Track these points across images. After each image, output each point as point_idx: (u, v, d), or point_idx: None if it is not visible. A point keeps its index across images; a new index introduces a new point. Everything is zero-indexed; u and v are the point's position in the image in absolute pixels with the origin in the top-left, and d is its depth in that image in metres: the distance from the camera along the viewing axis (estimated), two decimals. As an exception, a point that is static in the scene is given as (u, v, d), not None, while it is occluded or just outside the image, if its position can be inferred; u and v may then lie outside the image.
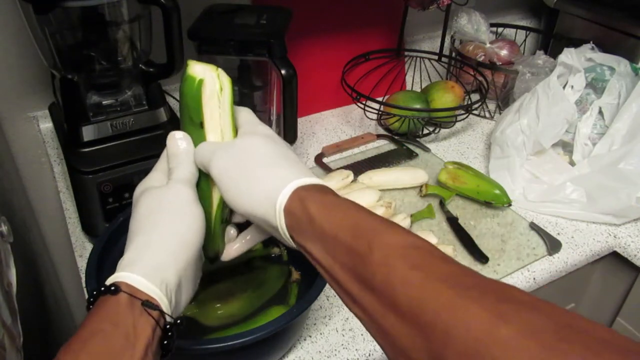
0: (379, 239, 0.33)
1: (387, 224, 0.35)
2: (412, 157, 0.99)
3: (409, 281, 0.30)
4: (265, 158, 0.42)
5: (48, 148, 0.90)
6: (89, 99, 0.72)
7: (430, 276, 0.30)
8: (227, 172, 0.42)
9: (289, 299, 0.64)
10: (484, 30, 1.14)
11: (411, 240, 0.33)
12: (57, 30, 0.67)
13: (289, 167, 0.42)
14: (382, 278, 0.31)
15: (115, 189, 0.71)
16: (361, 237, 0.34)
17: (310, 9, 1.02)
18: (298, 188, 0.39)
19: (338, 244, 0.35)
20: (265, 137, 0.45)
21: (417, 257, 0.31)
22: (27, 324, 0.61)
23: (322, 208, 0.37)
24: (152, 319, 0.36)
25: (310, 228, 0.37)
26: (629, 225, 0.85)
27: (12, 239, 0.60)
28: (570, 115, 0.88)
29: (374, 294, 0.32)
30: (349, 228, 0.35)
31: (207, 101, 0.47)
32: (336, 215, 0.36)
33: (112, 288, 0.36)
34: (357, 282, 0.33)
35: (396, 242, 0.33)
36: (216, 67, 0.49)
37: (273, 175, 0.41)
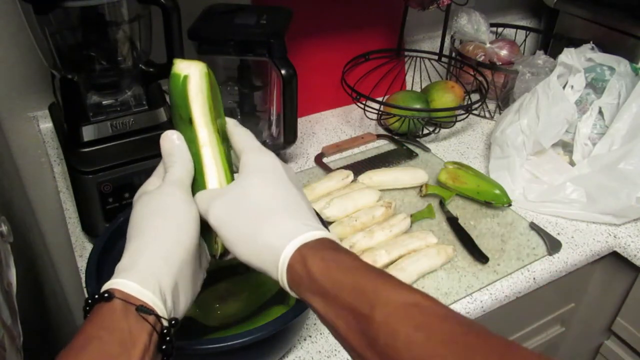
0: (380, 298, 0.33)
1: (388, 281, 0.35)
2: (412, 157, 0.99)
3: (412, 343, 0.30)
4: (269, 207, 0.41)
5: (48, 148, 0.90)
6: (89, 99, 0.72)
7: (433, 337, 0.30)
8: (225, 222, 0.42)
9: (289, 299, 0.64)
10: (484, 30, 1.14)
11: (412, 298, 0.33)
12: (57, 30, 0.67)
13: (291, 217, 0.41)
14: (385, 339, 0.31)
15: (115, 189, 0.71)
16: (362, 297, 0.34)
17: (310, 9, 1.02)
18: (302, 245, 0.38)
19: (340, 302, 0.35)
20: (265, 177, 0.43)
21: (419, 317, 0.31)
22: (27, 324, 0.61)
23: (323, 266, 0.37)
24: (148, 324, 0.36)
25: (312, 285, 0.37)
26: (629, 225, 0.85)
27: (12, 239, 0.60)
28: (570, 115, 0.88)
29: (377, 354, 0.32)
30: (350, 287, 0.35)
31: (193, 97, 0.47)
32: (337, 273, 0.36)
33: (106, 295, 0.36)
34: (360, 340, 0.34)
35: (397, 301, 0.32)
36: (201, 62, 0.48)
37: (274, 230, 0.40)
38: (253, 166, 0.44)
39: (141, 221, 0.42)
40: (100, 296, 0.36)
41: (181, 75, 0.47)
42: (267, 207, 0.41)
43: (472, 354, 0.28)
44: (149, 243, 0.40)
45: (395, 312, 0.32)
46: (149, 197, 0.43)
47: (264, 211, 0.41)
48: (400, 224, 0.78)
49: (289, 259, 0.38)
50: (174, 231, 0.41)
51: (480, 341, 0.29)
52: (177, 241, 0.40)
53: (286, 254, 0.38)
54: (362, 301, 0.33)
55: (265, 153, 0.45)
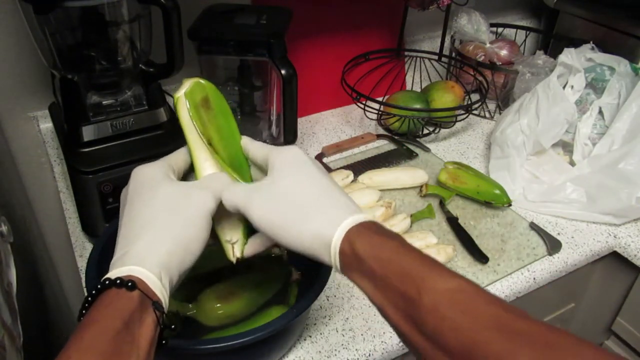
0: (427, 284, 0.34)
1: (434, 266, 0.35)
2: (412, 157, 0.99)
3: (459, 327, 0.31)
4: (309, 196, 0.42)
5: (48, 148, 0.90)
6: (89, 99, 0.72)
7: (479, 321, 0.30)
8: (270, 217, 0.42)
9: (289, 299, 0.64)
10: (484, 30, 1.14)
11: (457, 283, 0.33)
12: (57, 30, 0.67)
13: (335, 205, 0.42)
14: (433, 323, 0.32)
15: (115, 189, 0.71)
16: (410, 281, 0.35)
17: (310, 9, 1.02)
18: (348, 230, 0.39)
19: (388, 285, 0.36)
20: (301, 174, 0.44)
21: (465, 302, 0.32)
22: (27, 324, 0.61)
23: (370, 249, 0.38)
24: (157, 320, 0.37)
25: (361, 268, 0.38)
26: (629, 225, 0.85)
27: (12, 239, 0.60)
28: (570, 115, 0.88)
29: (425, 337, 0.33)
30: (397, 271, 0.36)
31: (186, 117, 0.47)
32: (384, 256, 0.37)
33: (130, 284, 0.36)
34: (408, 324, 0.34)
35: (444, 287, 0.33)
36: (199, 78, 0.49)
37: (322, 217, 0.41)
38: (283, 160, 0.45)
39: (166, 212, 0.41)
40: (123, 282, 0.36)
41: (175, 98, 0.48)
42: (310, 198, 0.42)
43: (518, 338, 0.29)
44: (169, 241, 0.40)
45: (442, 297, 0.32)
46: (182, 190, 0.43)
47: (308, 202, 0.42)
48: (400, 224, 0.78)
49: (340, 244, 0.39)
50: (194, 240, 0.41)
51: (526, 326, 0.30)
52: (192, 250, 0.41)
53: (336, 240, 0.39)
54: (410, 285, 0.34)
55: (290, 148, 0.46)
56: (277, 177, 0.44)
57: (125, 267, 0.37)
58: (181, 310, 0.61)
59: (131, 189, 0.44)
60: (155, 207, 0.42)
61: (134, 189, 0.44)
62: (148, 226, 0.41)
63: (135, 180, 0.45)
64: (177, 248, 0.40)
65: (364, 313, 0.68)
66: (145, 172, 0.45)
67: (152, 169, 0.46)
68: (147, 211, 0.42)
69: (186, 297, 0.62)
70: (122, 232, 0.42)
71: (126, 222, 0.42)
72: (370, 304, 0.68)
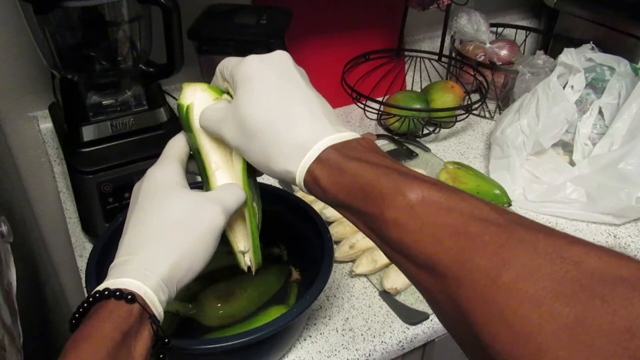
0: (388, 201, 0.34)
1: (393, 180, 0.34)
2: (412, 157, 0.99)
3: (420, 239, 0.32)
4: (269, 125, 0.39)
5: (48, 148, 0.90)
6: (89, 99, 0.72)
7: (439, 231, 0.31)
8: (240, 142, 0.41)
9: (289, 299, 0.64)
10: (484, 30, 1.14)
11: (418, 195, 0.33)
12: (57, 30, 0.67)
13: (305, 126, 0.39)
14: (396, 238, 0.33)
15: (115, 189, 0.71)
16: (372, 202, 0.35)
17: (310, 9, 1.02)
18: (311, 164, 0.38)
19: (354, 209, 0.36)
20: (256, 87, 0.41)
21: (425, 213, 0.32)
22: (27, 325, 0.61)
23: (331, 179, 0.37)
24: (153, 334, 0.37)
25: (329, 200, 0.38)
26: (629, 225, 0.85)
27: (12, 239, 0.60)
28: (570, 115, 0.88)
29: (392, 249, 0.34)
30: (360, 196, 0.36)
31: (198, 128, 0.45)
32: (346, 185, 0.37)
33: (129, 297, 0.36)
34: (379, 238, 0.35)
35: (404, 202, 0.33)
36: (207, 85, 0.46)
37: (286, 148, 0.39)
38: (242, 71, 0.42)
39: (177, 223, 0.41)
40: (122, 295, 0.36)
41: (184, 106, 0.45)
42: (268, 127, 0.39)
43: (475, 241, 0.29)
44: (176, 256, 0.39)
45: (403, 212, 0.33)
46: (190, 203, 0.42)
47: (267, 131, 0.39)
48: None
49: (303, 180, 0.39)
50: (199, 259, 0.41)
51: (484, 227, 0.30)
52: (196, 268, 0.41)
53: (300, 176, 0.39)
54: (373, 206, 0.35)
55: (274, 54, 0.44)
56: (236, 96, 0.42)
57: (125, 278, 0.37)
58: (181, 310, 0.61)
59: (144, 188, 0.43)
60: (164, 219, 0.41)
61: (147, 191, 0.43)
62: (154, 238, 0.40)
63: (149, 181, 0.44)
64: (180, 264, 0.39)
65: (364, 313, 0.68)
66: (159, 175, 0.44)
67: (167, 173, 0.44)
68: (155, 221, 0.41)
69: (186, 297, 0.62)
70: (127, 236, 0.41)
71: (132, 227, 0.41)
72: (370, 304, 0.68)
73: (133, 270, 0.38)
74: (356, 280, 0.73)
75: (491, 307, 0.27)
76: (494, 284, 0.27)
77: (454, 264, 0.29)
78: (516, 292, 0.26)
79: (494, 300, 0.27)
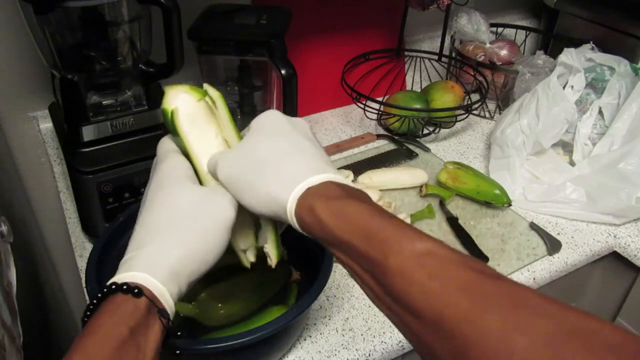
0: (393, 247, 0.32)
1: (399, 228, 0.34)
2: (412, 157, 0.99)
3: (428, 291, 0.30)
4: (271, 155, 0.41)
5: (48, 148, 0.90)
6: (89, 99, 0.72)
7: (448, 285, 0.30)
8: (232, 176, 0.42)
9: (289, 299, 0.64)
10: (484, 30, 1.14)
11: (425, 246, 0.32)
12: (57, 30, 0.67)
13: (296, 163, 0.40)
14: (400, 287, 0.31)
15: (115, 189, 0.71)
16: (375, 245, 0.33)
17: (310, 9, 1.02)
18: (306, 192, 0.38)
19: (354, 250, 0.35)
20: (270, 133, 0.43)
21: (433, 265, 0.31)
22: (27, 324, 0.61)
23: (332, 214, 0.36)
24: (163, 327, 0.36)
25: (324, 234, 0.37)
26: (629, 225, 0.85)
27: (12, 239, 0.60)
28: (570, 115, 0.88)
29: (394, 300, 0.32)
30: (362, 235, 0.34)
31: (187, 128, 0.45)
32: (348, 221, 0.35)
33: (136, 291, 0.35)
34: (377, 285, 0.34)
35: (411, 250, 0.32)
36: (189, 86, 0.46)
37: (280, 176, 0.39)
38: (256, 123, 0.44)
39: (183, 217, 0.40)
40: (129, 288, 0.35)
41: (169, 111, 0.45)
42: (271, 156, 0.41)
43: (486, 300, 0.28)
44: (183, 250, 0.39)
45: (409, 261, 0.32)
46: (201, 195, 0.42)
47: (268, 160, 0.41)
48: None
49: (295, 208, 0.38)
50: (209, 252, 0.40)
51: (494, 288, 0.29)
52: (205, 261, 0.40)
53: (290, 205, 0.38)
54: (375, 249, 0.33)
55: (268, 111, 0.45)
56: (246, 137, 0.43)
57: (131, 272, 0.37)
58: (181, 310, 0.61)
59: (153, 183, 0.43)
60: (173, 213, 0.40)
61: (155, 185, 0.43)
62: (162, 231, 0.39)
63: (157, 176, 0.43)
64: (190, 258, 0.39)
65: (364, 313, 0.68)
66: (165, 168, 0.44)
67: (172, 164, 0.44)
68: (164, 215, 0.40)
69: (186, 297, 0.62)
70: (136, 231, 0.41)
71: (141, 222, 0.41)
72: (370, 304, 0.68)
73: (140, 264, 0.37)
74: (356, 280, 0.73)
75: None
76: (507, 348, 0.26)
77: (464, 321, 0.28)
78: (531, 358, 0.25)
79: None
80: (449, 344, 0.29)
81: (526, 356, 0.25)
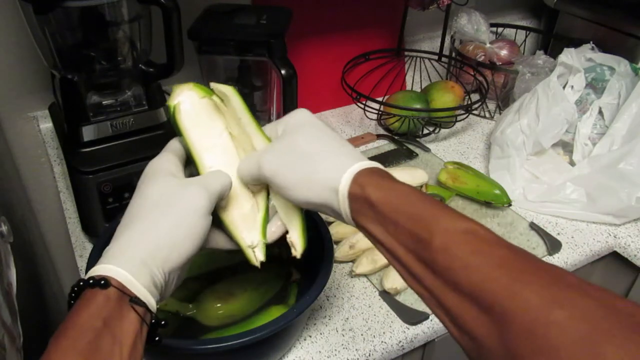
0: (438, 225, 0.35)
1: (444, 209, 0.37)
2: (412, 157, 0.99)
3: (469, 266, 0.32)
4: (317, 147, 0.43)
5: (48, 148, 0.90)
6: (89, 99, 0.72)
7: (488, 261, 0.32)
8: (280, 169, 0.43)
9: (288, 299, 0.64)
10: (484, 30, 1.14)
11: (467, 225, 0.35)
12: (57, 30, 0.67)
13: (342, 153, 0.43)
14: (443, 262, 0.33)
15: (115, 189, 0.71)
16: (421, 223, 0.36)
17: (310, 9, 1.02)
18: (356, 174, 0.40)
19: (399, 228, 0.37)
20: (308, 129, 0.45)
21: (475, 243, 0.33)
22: (27, 324, 0.61)
23: (381, 193, 0.39)
24: (139, 316, 0.36)
25: (372, 212, 0.39)
26: (629, 225, 0.85)
27: (12, 239, 0.60)
28: (570, 115, 0.88)
29: (435, 275, 0.34)
30: (408, 214, 0.37)
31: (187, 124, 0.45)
32: (395, 200, 0.38)
33: (102, 282, 0.36)
34: (419, 264, 0.36)
35: (455, 228, 0.35)
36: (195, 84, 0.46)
37: (330, 163, 0.42)
38: (291, 119, 0.46)
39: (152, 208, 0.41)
40: (95, 282, 0.36)
41: (172, 106, 0.45)
42: (318, 148, 0.43)
43: (525, 276, 0.30)
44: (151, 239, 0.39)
45: (453, 238, 0.34)
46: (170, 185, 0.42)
47: (316, 151, 0.43)
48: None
49: (349, 187, 0.40)
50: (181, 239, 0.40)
51: (532, 266, 0.31)
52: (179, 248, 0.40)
53: (345, 182, 0.40)
54: (421, 227, 0.35)
55: (297, 110, 0.48)
56: (285, 134, 0.46)
57: (100, 265, 0.37)
58: (181, 310, 0.61)
59: (141, 176, 0.45)
60: (145, 203, 0.41)
61: (140, 181, 0.44)
62: (132, 223, 0.40)
63: (145, 171, 0.45)
64: (159, 243, 0.39)
65: (364, 313, 0.68)
66: (152, 163, 0.45)
67: (158, 161, 0.45)
68: (135, 208, 0.41)
69: (186, 297, 0.62)
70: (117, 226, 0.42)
71: (122, 217, 0.42)
72: (370, 303, 0.68)
73: (109, 256, 0.38)
74: (356, 280, 0.73)
75: (541, 343, 0.27)
76: (546, 320, 0.27)
77: (503, 294, 0.29)
78: (569, 330, 0.26)
79: (544, 335, 0.27)
80: (486, 318, 0.30)
81: (564, 329, 0.26)
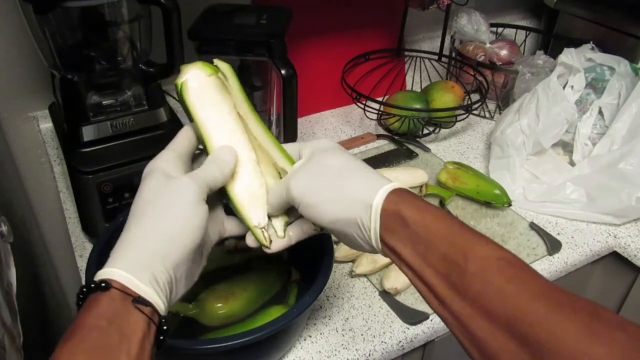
0: (474, 250, 0.34)
1: (478, 235, 0.36)
2: (412, 157, 0.99)
3: (505, 293, 0.32)
4: (348, 167, 0.43)
5: (48, 148, 0.90)
6: (89, 99, 0.72)
7: (524, 290, 0.31)
8: (310, 187, 0.43)
9: (288, 299, 0.64)
10: (484, 30, 1.14)
11: (502, 253, 0.34)
12: (57, 30, 0.67)
13: (373, 174, 0.43)
14: (478, 288, 0.33)
15: (115, 189, 0.71)
16: (456, 246, 0.35)
17: (310, 9, 1.02)
18: (390, 192, 0.40)
19: (431, 249, 0.36)
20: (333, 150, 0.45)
21: (510, 271, 0.33)
22: (27, 324, 0.61)
23: (416, 212, 0.38)
24: (145, 315, 0.36)
25: (403, 231, 0.38)
26: (629, 225, 0.85)
27: (12, 239, 0.60)
28: (570, 115, 0.88)
29: (466, 301, 0.34)
30: (442, 236, 0.36)
31: (194, 100, 0.45)
32: (430, 221, 0.37)
33: (103, 285, 0.36)
34: (448, 287, 0.35)
35: (490, 255, 0.34)
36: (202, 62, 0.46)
37: (363, 180, 0.42)
38: (317, 145, 0.47)
39: (146, 206, 0.41)
40: (97, 285, 0.36)
41: (179, 84, 0.45)
42: (347, 169, 0.43)
43: (562, 308, 0.30)
44: (147, 236, 0.39)
45: (489, 264, 0.33)
46: (161, 181, 0.42)
47: (345, 171, 0.43)
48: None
49: (382, 203, 0.39)
50: (175, 230, 0.40)
51: (568, 298, 0.31)
52: (175, 241, 0.40)
53: (379, 197, 0.40)
54: (456, 251, 0.35)
55: (321, 139, 0.48)
56: (312, 157, 0.45)
57: (103, 269, 0.38)
58: (181, 310, 0.61)
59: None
60: (140, 203, 0.41)
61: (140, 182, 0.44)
62: (131, 223, 0.41)
63: (143, 172, 0.45)
64: (156, 241, 0.39)
65: (364, 313, 0.68)
66: (149, 164, 0.45)
67: (154, 162, 0.45)
68: (134, 208, 0.42)
69: (186, 297, 0.62)
70: None
71: None
72: (370, 303, 0.68)
73: (111, 259, 0.39)
74: (356, 280, 0.73)
75: None
76: (584, 356, 0.27)
77: (540, 325, 0.29)
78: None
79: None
80: (519, 347, 0.29)
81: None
